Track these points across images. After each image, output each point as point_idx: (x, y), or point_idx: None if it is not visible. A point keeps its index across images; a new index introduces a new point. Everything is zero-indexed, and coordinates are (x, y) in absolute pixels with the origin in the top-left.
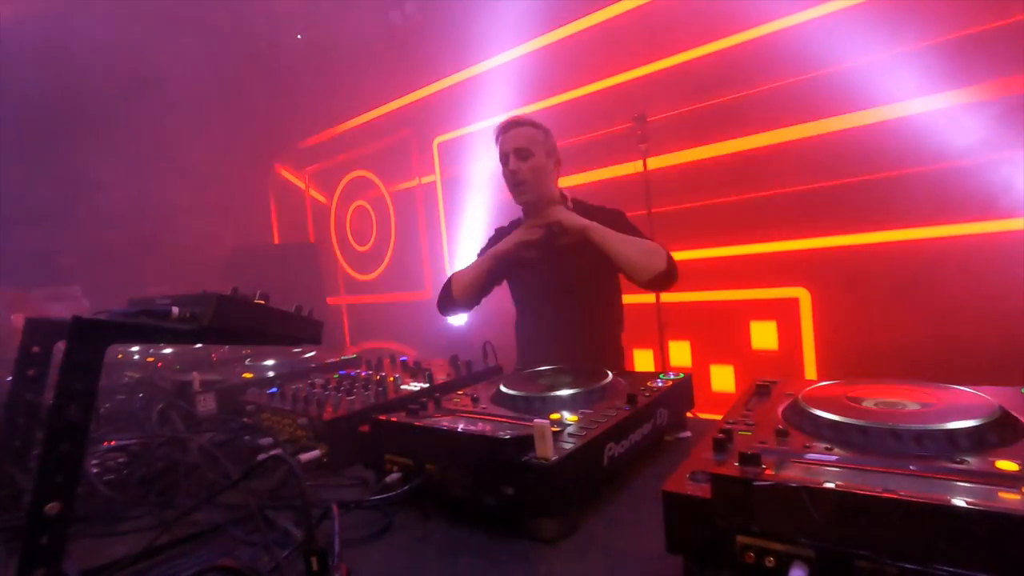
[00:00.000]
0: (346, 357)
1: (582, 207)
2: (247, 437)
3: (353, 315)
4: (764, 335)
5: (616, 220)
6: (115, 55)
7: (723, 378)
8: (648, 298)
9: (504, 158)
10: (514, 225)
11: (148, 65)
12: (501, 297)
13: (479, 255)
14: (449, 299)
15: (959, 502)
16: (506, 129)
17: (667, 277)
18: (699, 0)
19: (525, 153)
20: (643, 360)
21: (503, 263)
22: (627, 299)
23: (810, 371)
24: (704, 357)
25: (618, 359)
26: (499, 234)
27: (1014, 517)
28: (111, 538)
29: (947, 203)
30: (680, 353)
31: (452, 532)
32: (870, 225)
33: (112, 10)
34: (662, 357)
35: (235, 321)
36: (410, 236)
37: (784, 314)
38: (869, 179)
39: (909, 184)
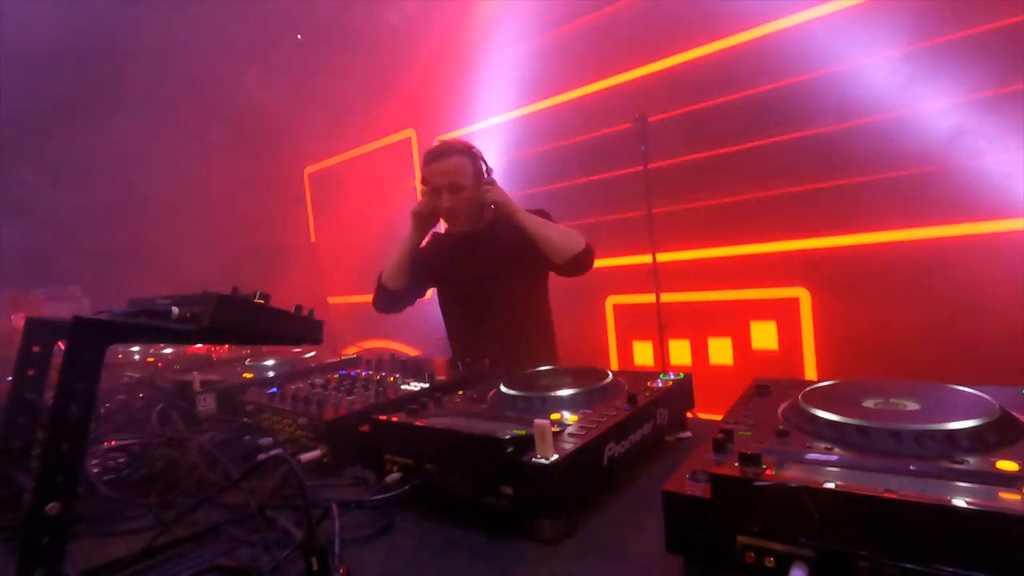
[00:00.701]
0: (346, 357)
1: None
2: (247, 437)
3: (353, 315)
4: (764, 335)
5: (542, 215)
6: (115, 55)
7: (724, 377)
8: (648, 298)
9: (435, 191)
10: (447, 235)
11: (149, 65)
12: None
13: (421, 261)
14: (382, 290)
15: (959, 502)
16: (434, 159)
17: (584, 257)
18: (699, 0)
19: (457, 187)
20: (642, 352)
21: (421, 227)
22: (628, 299)
23: (810, 371)
24: (704, 357)
25: (551, 355)
26: (434, 238)
27: (1014, 517)
28: (111, 538)
29: (947, 203)
30: (680, 352)
31: (452, 532)
32: (870, 225)
33: (114, 10)
34: (662, 357)
35: (235, 321)
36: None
37: (784, 314)
38: (869, 179)
39: (909, 184)
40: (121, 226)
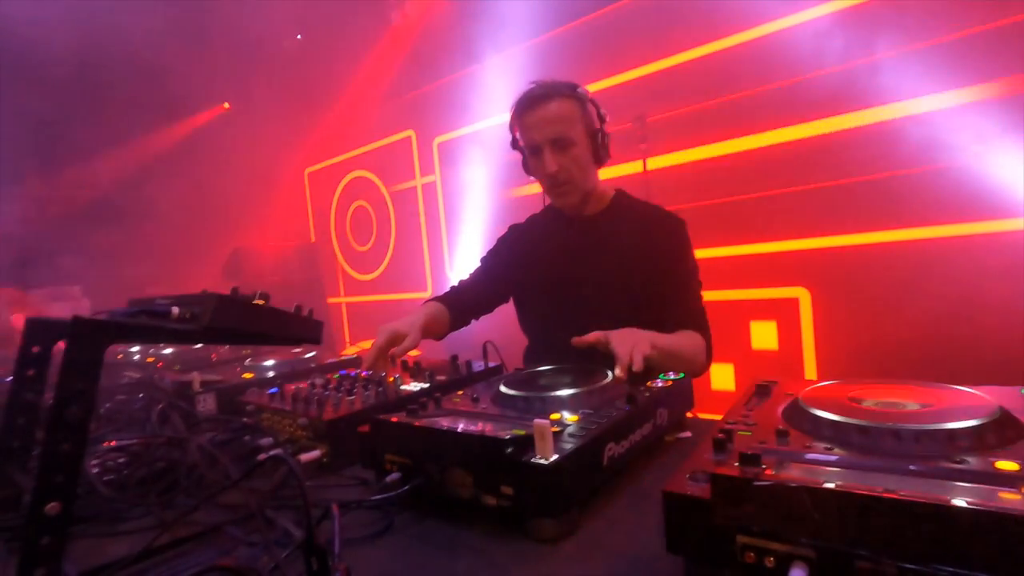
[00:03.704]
0: (346, 357)
1: (628, 202)
2: (247, 437)
3: (353, 315)
4: (764, 335)
5: (675, 232)
6: (115, 55)
7: (723, 377)
8: None
9: (534, 149)
10: (531, 222)
11: (149, 65)
12: None
13: (482, 260)
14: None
15: (959, 502)
16: (533, 106)
17: (697, 375)
18: (699, 0)
19: (565, 143)
20: None
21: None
22: None
23: (810, 371)
24: None
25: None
26: (512, 232)
27: (1014, 517)
28: (111, 538)
29: (947, 203)
30: None
31: (452, 532)
32: (870, 225)
33: (114, 9)
34: None
35: (235, 321)
36: (410, 236)
37: (784, 314)
38: (869, 179)
39: (909, 184)
40: (121, 226)
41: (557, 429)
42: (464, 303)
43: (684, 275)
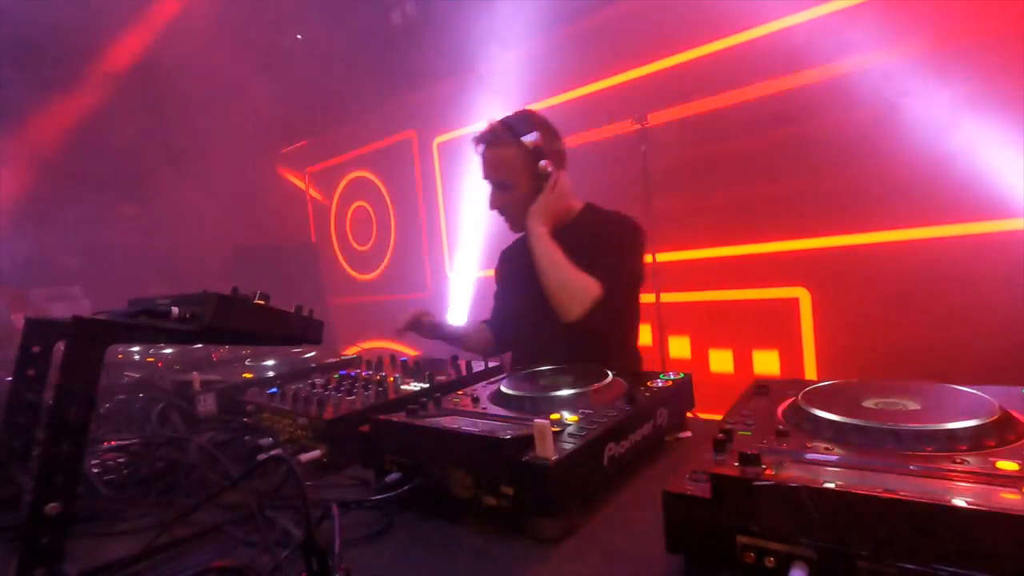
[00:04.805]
0: (346, 357)
1: (593, 213)
2: (247, 437)
3: (353, 315)
4: (764, 335)
5: (622, 233)
6: (115, 54)
7: (722, 361)
8: (648, 297)
9: (486, 181)
10: (516, 242)
11: (150, 65)
12: None
13: (494, 296)
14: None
15: (959, 502)
16: (484, 147)
17: (580, 319)
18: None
19: (506, 186)
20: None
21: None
22: None
23: (810, 371)
24: (704, 356)
25: (635, 364)
26: (501, 257)
27: (1014, 517)
28: (111, 538)
29: (947, 203)
30: (680, 348)
31: (452, 532)
32: (870, 225)
33: (115, 8)
34: (662, 357)
35: (235, 321)
36: (410, 236)
37: (784, 314)
38: (869, 179)
39: (909, 184)
40: (121, 226)
41: (557, 429)
42: (505, 327)
43: (614, 241)
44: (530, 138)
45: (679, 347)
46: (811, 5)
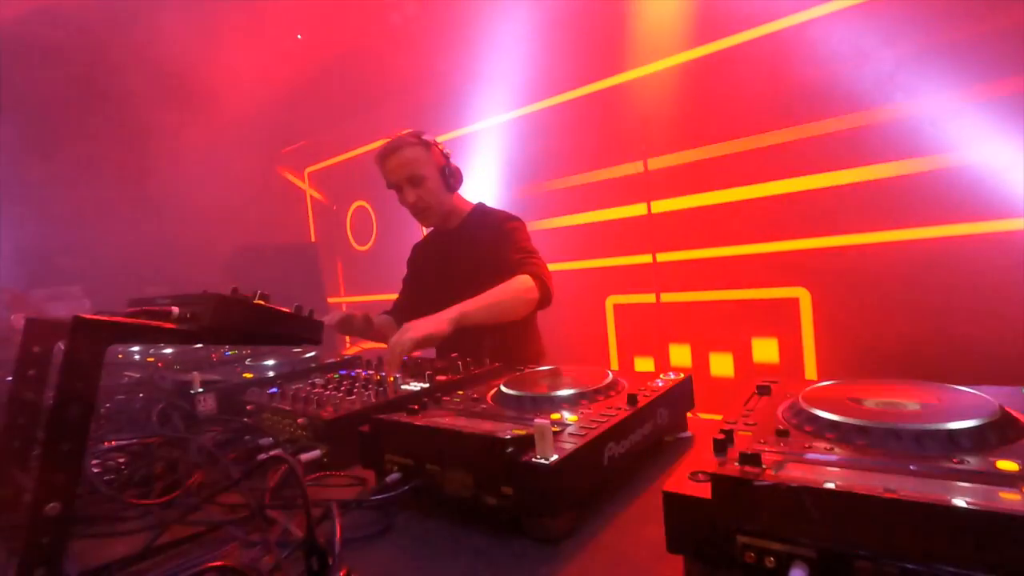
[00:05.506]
0: (346, 357)
1: (482, 212)
2: (247, 437)
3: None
4: (764, 335)
5: (510, 233)
6: (116, 54)
7: (723, 365)
8: (648, 298)
9: (396, 188)
10: (424, 239)
11: (150, 65)
12: None
13: (404, 281)
14: None
15: (959, 502)
16: (387, 156)
17: (542, 303)
18: (700, 0)
19: (417, 180)
20: (644, 364)
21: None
22: (627, 299)
23: (810, 371)
24: (704, 360)
25: (536, 357)
26: (413, 251)
27: (1014, 517)
28: (111, 538)
29: (947, 203)
30: (680, 355)
31: (452, 532)
32: (870, 225)
33: (116, 7)
34: (663, 356)
35: (235, 321)
36: (410, 236)
37: (784, 314)
38: (869, 179)
39: (909, 184)
40: (121, 226)
41: (557, 429)
42: (405, 317)
43: (504, 240)
44: (427, 138)
45: (680, 355)
46: (812, 4)
